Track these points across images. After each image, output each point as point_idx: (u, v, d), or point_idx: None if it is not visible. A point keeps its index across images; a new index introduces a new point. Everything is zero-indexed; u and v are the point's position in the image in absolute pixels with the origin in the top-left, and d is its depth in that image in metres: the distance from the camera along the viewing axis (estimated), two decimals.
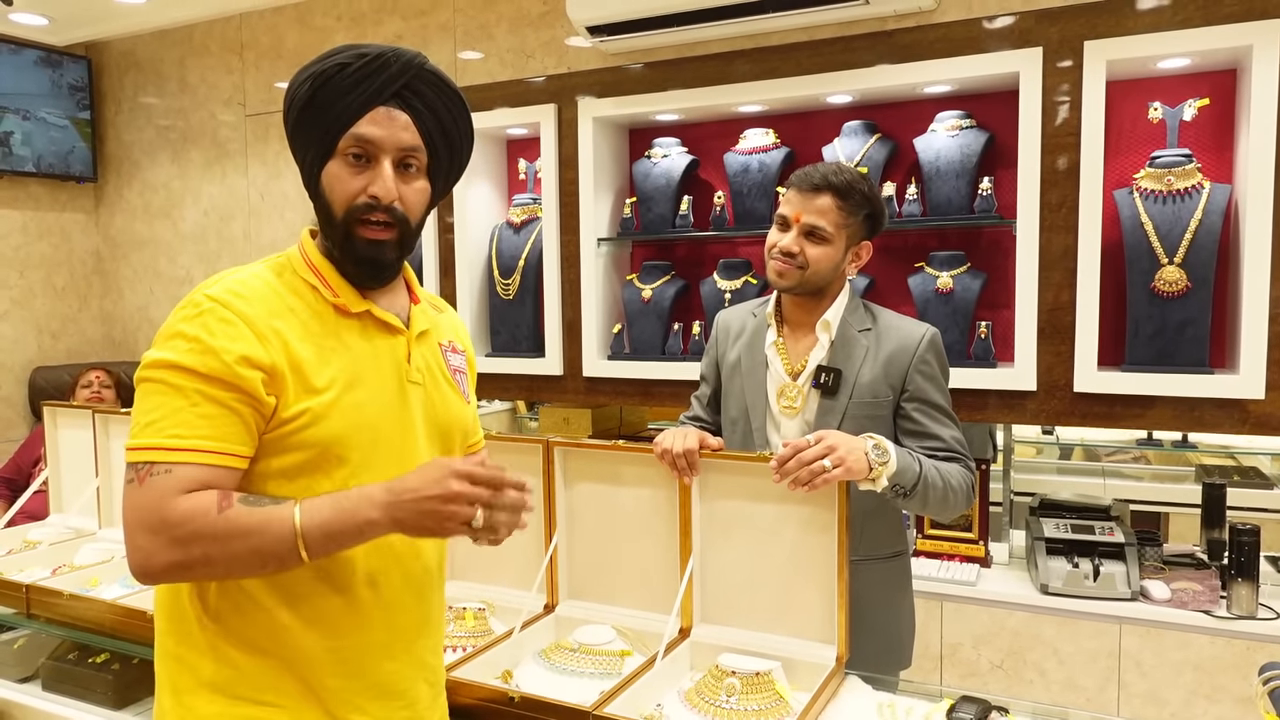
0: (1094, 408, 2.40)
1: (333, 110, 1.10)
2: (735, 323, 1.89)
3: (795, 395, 1.74)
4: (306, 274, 1.15)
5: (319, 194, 1.14)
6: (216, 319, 1.06)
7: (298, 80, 1.13)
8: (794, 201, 1.71)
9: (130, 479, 1.02)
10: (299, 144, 1.15)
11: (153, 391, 1.04)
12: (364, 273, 1.16)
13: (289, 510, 1.02)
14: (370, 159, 1.11)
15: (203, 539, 0.99)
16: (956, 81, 2.54)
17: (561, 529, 1.76)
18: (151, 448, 1.01)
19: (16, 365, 4.09)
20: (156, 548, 0.99)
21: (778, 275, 1.72)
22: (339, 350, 1.13)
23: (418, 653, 1.22)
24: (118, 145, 4.27)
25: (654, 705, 1.44)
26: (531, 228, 3.16)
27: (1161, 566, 2.45)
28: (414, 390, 1.19)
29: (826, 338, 1.73)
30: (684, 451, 1.59)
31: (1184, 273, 2.28)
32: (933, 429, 1.69)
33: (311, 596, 1.11)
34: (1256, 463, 3.65)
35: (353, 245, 1.13)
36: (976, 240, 2.65)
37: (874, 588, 1.73)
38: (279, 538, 1.01)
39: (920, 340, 1.71)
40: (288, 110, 1.15)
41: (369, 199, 1.11)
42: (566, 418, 3.60)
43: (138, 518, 1.00)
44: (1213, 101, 2.33)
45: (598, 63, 3.02)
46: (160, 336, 1.08)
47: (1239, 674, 2.26)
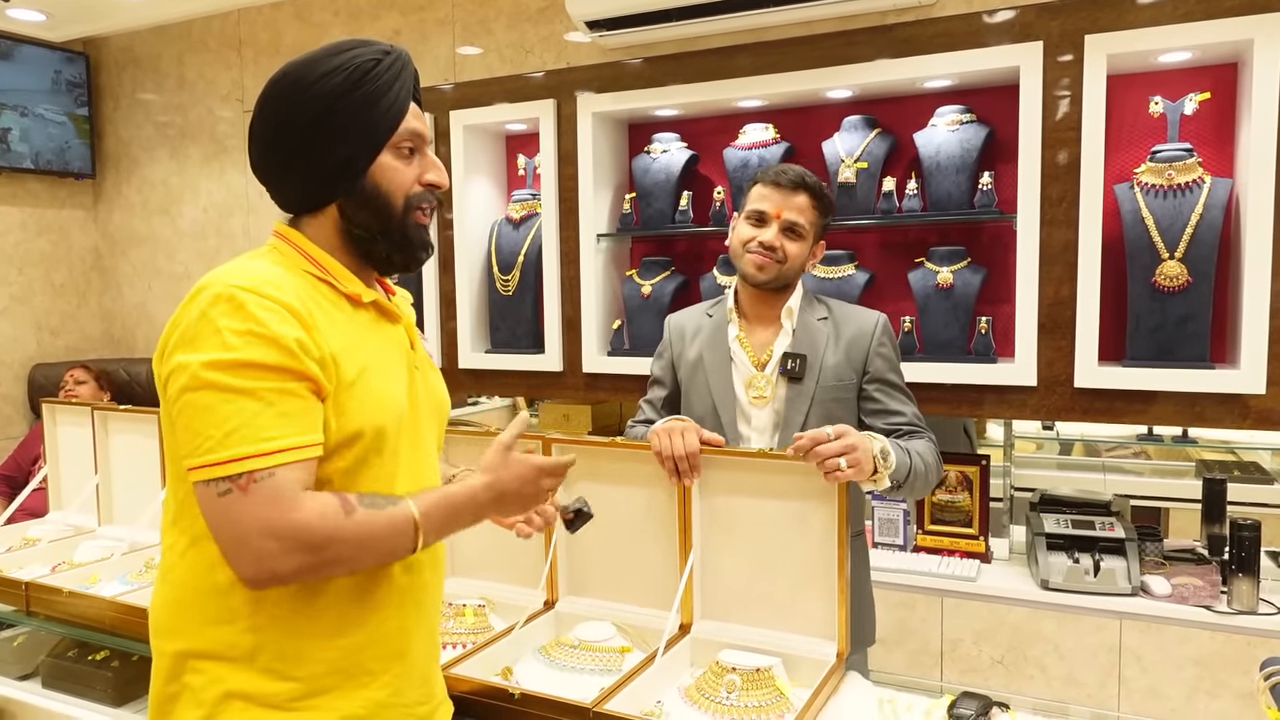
0: (1094, 403, 2.39)
1: (379, 106, 1.12)
2: (690, 324, 1.92)
3: (764, 385, 1.79)
4: (310, 267, 1.14)
5: (365, 188, 1.13)
6: (262, 308, 1.03)
7: (316, 75, 1.10)
8: (772, 198, 1.76)
9: (226, 490, 0.99)
10: (324, 143, 1.12)
11: (219, 400, 1.00)
12: (416, 260, 1.19)
13: (407, 510, 1.07)
14: (416, 151, 1.17)
15: (336, 543, 1.02)
16: (957, 76, 2.53)
17: (561, 525, 1.76)
18: (245, 457, 0.99)
19: (16, 362, 4.08)
20: (284, 552, 0.99)
21: (757, 269, 1.77)
22: (362, 340, 1.13)
23: (434, 635, 1.27)
24: (116, 142, 4.26)
25: (654, 702, 1.44)
26: (531, 224, 3.15)
27: (1162, 562, 2.45)
28: (417, 376, 1.22)
29: (790, 325, 1.79)
30: (686, 455, 1.59)
31: (1185, 267, 2.27)
32: (894, 406, 1.77)
33: (355, 592, 1.12)
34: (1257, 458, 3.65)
35: (408, 235, 1.17)
36: (977, 235, 2.64)
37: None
38: (402, 536, 1.07)
39: (875, 325, 1.80)
40: (294, 110, 1.11)
41: (427, 187, 1.17)
42: (566, 414, 3.60)
43: (258, 525, 0.99)
44: (1213, 95, 2.32)
45: (597, 58, 3.01)
46: (196, 338, 1.02)
47: (1240, 669, 2.26)
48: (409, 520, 1.07)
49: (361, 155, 1.12)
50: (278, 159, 1.14)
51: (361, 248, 1.17)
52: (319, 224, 1.17)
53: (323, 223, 1.17)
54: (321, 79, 1.10)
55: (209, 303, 1.03)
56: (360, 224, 1.15)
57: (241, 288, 1.04)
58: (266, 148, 1.15)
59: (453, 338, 3.26)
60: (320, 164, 1.12)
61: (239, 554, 1.00)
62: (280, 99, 1.12)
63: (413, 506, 1.07)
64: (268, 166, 1.16)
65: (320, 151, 1.12)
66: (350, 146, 1.12)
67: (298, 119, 1.11)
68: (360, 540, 1.03)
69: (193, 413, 1.00)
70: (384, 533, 1.05)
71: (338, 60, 1.11)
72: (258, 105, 1.14)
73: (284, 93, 1.12)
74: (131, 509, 2.28)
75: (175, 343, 1.04)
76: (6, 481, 3.52)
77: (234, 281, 1.04)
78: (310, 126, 1.11)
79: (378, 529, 1.04)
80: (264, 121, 1.14)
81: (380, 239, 1.16)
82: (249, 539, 0.99)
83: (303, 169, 1.13)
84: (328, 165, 1.12)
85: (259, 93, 1.15)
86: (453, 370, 3.26)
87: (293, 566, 1.00)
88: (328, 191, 1.14)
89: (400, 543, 1.07)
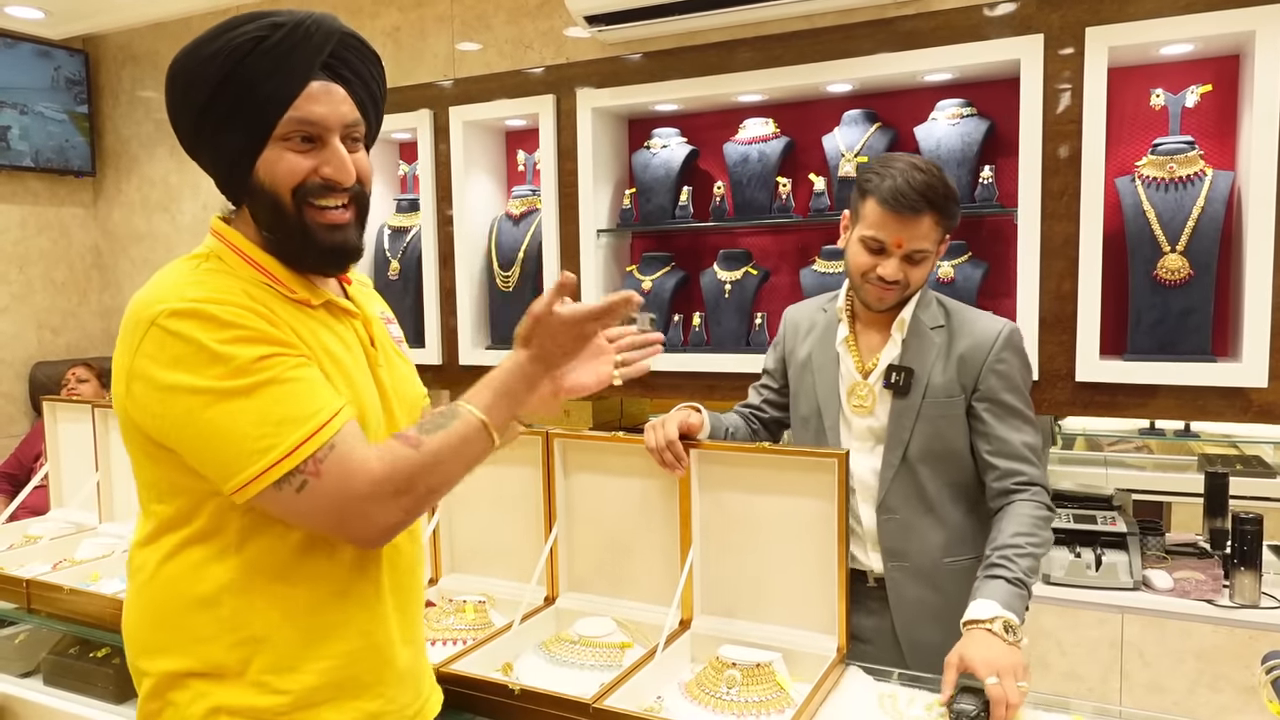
0: (1096, 397, 2.39)
1: (260, 91, 1.00)
2: (804, 319, 1.85)
3: (866, 394, 1.70)
4: (251, 272, 1.06)
5: (254, 187, 1.04)
6: (231, 314, 0.98)
7: (197, 60, 1.01)
8: (891, 227, 1.58)
9: (303, 482, 0.97)
10: (212, 134, 1.03)
11: (246, 403, 0.96)
12: (330, 263, 1.11)
13: (469, 416, 1.06)
14: (315, 140, 1.05)
15: (423, 474, 1.01)
16: (957, 69, 2.52)
17: (561, 521, 1.76)
18: (303, 440, 0.96)
19: (17, 360, 4.08)
20: (382, 506, 0.99)
21: (877, 300, 1.64)
22: (320, 344, 1.08)
23: (418, 636, 1.24)
24: (116, 139, 4.26)
25: (654, 697, 1.44)
26: (531, 219, 3.15)
27: (1164, 556, 2.44)
28: (381, 372, 1.18)
29: (899, 335, 1.67)
30: (667, 444, 1.58)
31: (1186, 260, 2.26)
32: (1000, 431, 1.62)
33: (342, 596, 1.10)
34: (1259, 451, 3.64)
35: (312, 237, 1.07)
36: (977, 229, 2.64)
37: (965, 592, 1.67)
38: (477, 439, 1.06)
39: (996, 338, 1.63)
40: (183, 98, 1.03)
41: (322, 180, 1.05)
42: (567, 410, 3.59)
43: (347, 497, 0.98)
44: (1215, 88, 2.31)
45: (596, 53, 3.00)
46: (179, 360, 0.96)
47: (1241, 663, 2.25)
48: (476, 424, 1.06)
49: (247, 150, 1.03)
50: (186, 148, 1.08)
51: (277, 247, 1.08)
52: (244, 221, 1.10)
53: (246, 220, 1.09)
54: (201, 65, 1.01)
55: (172, 322, 0.97)
56: (263, 223, 1.07)
57: (200, 300, 0.98)
58: (180, 140, 1.08)
59: (453, 334, 3.26)
60: (215, 158, 1.06)
61: (344, 530, 1.01)
62: (171, 90, 1.05)
63: (473, 410, 1.07)
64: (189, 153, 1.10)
65: (210, 145, 1.05)
66: (234, 141, 1.03)
67: (187, 113, 1.04)
68: (441, 462, 1.03)
69: (222, 427, 0.96)
70: (459, 445, 1.05)
71: (218, 44, 1.01)
72: (165, 94, 1.08)
73: (173, 82, 1.04)
74: (132, 506, 2.27)
75: (146, 371, 0.98)
76: (8, 479, 3.53)
77: (189, 296, 0.99)
78: (197, 117, 1.03)
79: (451, 445, 1.04)
80: (169, 115, 1.07)
81: (285, 240, 1.07)
82: (347, 514, 0.99)
83: (207, 165, 1.07)
84: (221, 159, 1.05)
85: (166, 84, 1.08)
86: (453, 367, 3.26)
87: (398, 513, 1.01)
88: (229, 188, 1.08)
89: (479, 446, 1.07)
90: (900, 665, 1.59)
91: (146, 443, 1.04)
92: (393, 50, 3.42)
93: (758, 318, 2.81)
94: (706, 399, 2.81)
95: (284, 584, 1.06)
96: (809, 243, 2.84)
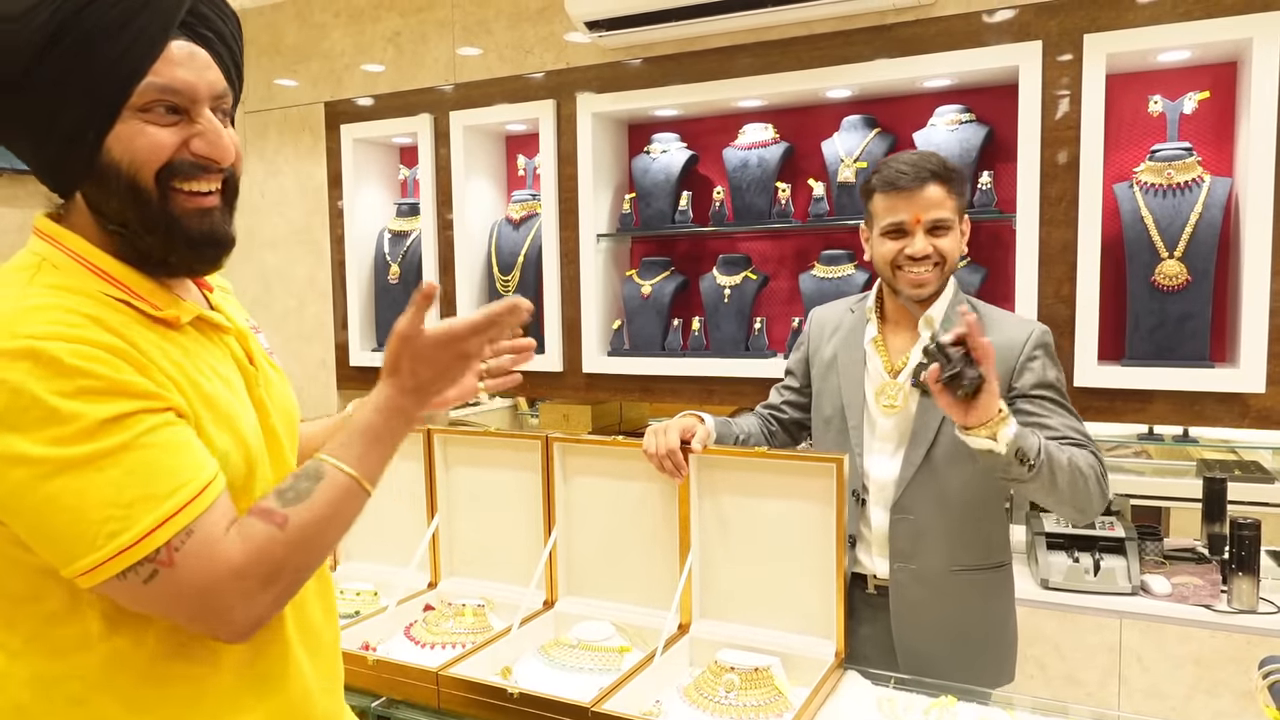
0: (1094, 402, 2.39)
1: (107, 51, 0.81)
2: (830, 319, 1.84)
3: (895, 393, 1.67)
4: (97, 284, 0.87)
5: (102, 169, 0.85)
6: (82, 357, 0.79)
7: (22, 8, 0.80)
8: (901, 205, 1.60)
9: (152, 573, 0.81)
10: (36, 106, 0.82)
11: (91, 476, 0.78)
12: (202, 257, 0.93)
13: (336, 474, 0.91)
14: (181, 112, 0.88)
15: (290, 559, 0.87)
16: (956, 75, 2.53)
17: (561, 525, 1.76)
18: (155, 527, 0.80)
19: None
20: (248, 599, 0.85)
21: (918, 286, 1.62)
22: (195, 367, 0.91)
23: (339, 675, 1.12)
24: None
25: (653, 701, 1.44)
26: (531, 224, 3.15)
27: (1162, 561, 2.44)
28: (260, 392, 1.02)
29: (929, 334, 1.64)
30: (667, 453, 1.58)
31: (1184, 266, 2.27)
32: (1044, 419, 1.57)
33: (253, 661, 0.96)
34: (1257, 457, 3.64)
35: (180, 226, 0.89)
36: (976, 235, 2.64)
37: (978, 599, 1.70)
38: (350, 499, 0.92)
39: (1026, 340, 1.62)
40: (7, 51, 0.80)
41: (194, 158, 0.88)
42: (566, 414, 3.60)
43: (203, 592, 0.83)
44: (1213, 94, 2.32)
45: (596, 58, 3.01)
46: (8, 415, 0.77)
47: (1240, 668, 2.26)
48: (345, 483, 0.92)
49: (90, 119, 0.83)
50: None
51: (125, 246, 0.89)
52: (77, 218, 0.90)
53: (79, 216, 0.90)
54: (25, 15, 0.80)
55: (3, 368, 0.78)
56: (109, 215, 0.88)
57: (37, 337, 0.79)
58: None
59: None
60: (40, 136, 0.85)
61: (202, 624, 0.85)
62: None
63: (341, 467, 0.92)
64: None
65: (31, 119, 0.84)
66: (73, 110, 0.82)
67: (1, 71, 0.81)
68: (311, 538, 0.89)
69: (61, 504, 0.78)
70: (331, 513, 0.91)
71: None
72: None
73: None
74: None
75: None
76: None
77: (22, 331, 0.79)
78: (15, 82, 0.81)
79: (321, 515, 0.89)
80: None
81: (143, 234, 0.88)
82: (205, 608, 0.84)
83: (21, 143, 0.87)
84: (50, 137, 0.84)
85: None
86: None
87: (268, 603, 0.87)
88: (63, 174, 0.88)
89: (353, 505, 0.93)
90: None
91: None
92: (394, 55, 3.43)
93: (757, 323, 2.82)
94: (705, 404, 2.82)
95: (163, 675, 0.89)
96: (808, 248, 2.84)
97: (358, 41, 3.50)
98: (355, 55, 3.51)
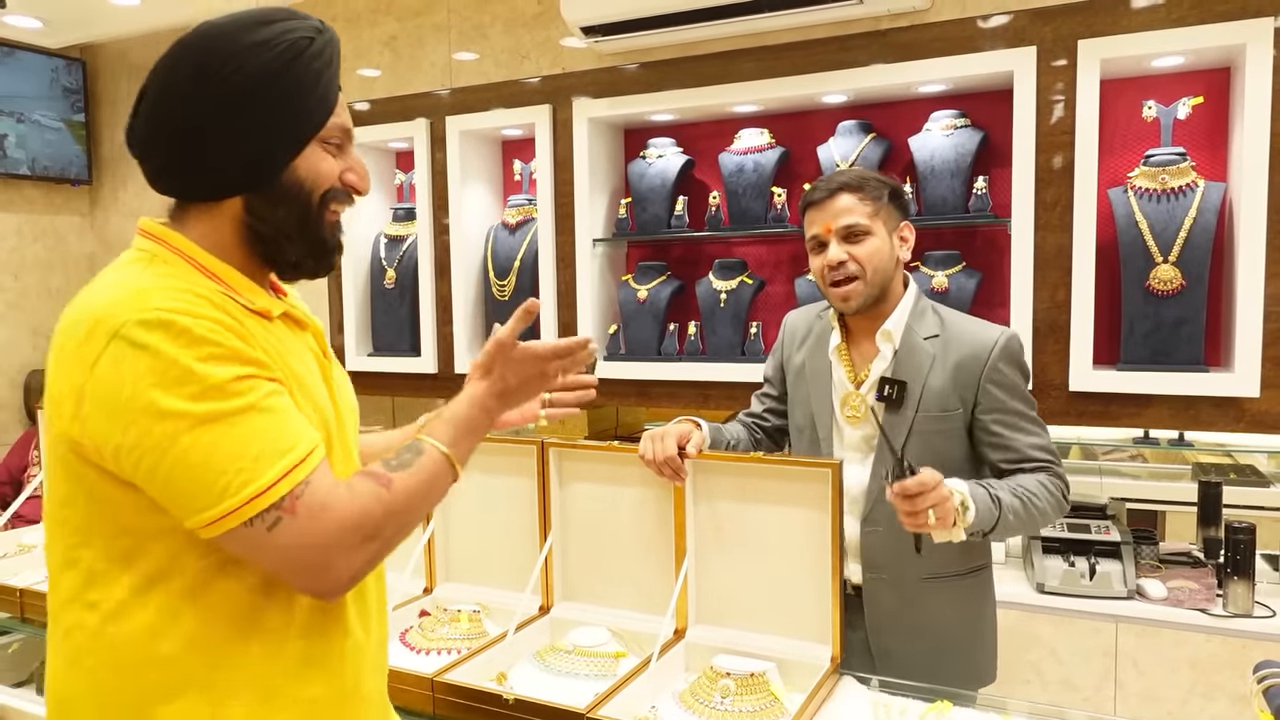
0: (1090, 407, 2.40)
1: (314, 92, 0.98)
2: (801, 326, 1.84)
3: (859, 405, 1.67)
4: (209, 282, 0.98)
5: (283, 183, 0.99)
6: (204, 328, 0.90)
7: (239, 46, 0.94)
8: (817, 218, 1.66)
9: (276, 520, 0.90)
10: (251, 126, 0.95)
11: (226, 430, 0.89)
12: (329, 266, 1.07)
13: (434, 451, 1.04)
14: (341, 146, 1.05)
15: (393, 516, 0.97)
16: (951, 81, 2.54)
17: (556, 530, 1.76)
18: (281, 477, 0.90)
19: (11, 368, 4.08)
20: (352, 551, 0.94)
21: (843, 300, 1.64)
22: (283, 356, 1.01)
23: (386, 669, 1.20)
24: (113, 148, 4.26)
25: (649, 707, 1.44)
26: (527, 229, 3.16)
27: (1158, 565, 2.45)
28: (332, 384, 1.12)
29: (889, 348, 1.65)
30: (665, 460, 1.58)
31: (1179, 271, 2.28)
32: (1010, 439, 1.60)
33: (318, 635, 1.03)
34: (1253, 461, 3.64)
35: (323, 238, 1.05)
36: (971, 239, 2.65)
37: (954, 604, 1.70)
38: (443, 476, 1.04)
39: (992, 348, 1.60)
40: (209, 80, 0.93)
41: (344, 186, 1.04)
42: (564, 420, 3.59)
43: (321, 539, 0.92)
44: (1206, 100, 2.33)
45: (592, 63, 3.02)
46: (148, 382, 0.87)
47: (1235, 672, 2.26)
48: (441, 460, 1.04)
49: (286, 147, 0.98)
50: (177, 137, 0.96)
51: (266, 249, 1.02)
52: (211, 218, 1.00)
53: (217, 217, 1.00)
54: (250, 52, 0.94)
55: (139, 333, 0.88)
56: (271, 222, 1.00)
57: (169, 310, 0.90)
58: (163, 121, 0.96)
59: (449, 343, 3.26)
60: (233, 151, 0.96)
61: (306, 576, 0.94)
62: (194, 67, 0.94)
63: (438, 445, 1.04)
64: (157, 143, 0.98)
65: (236, 137, 0.96)
66: (274, 136, 0.97)
67: (214, 96, 0.94)
68: (410, 503, 1.00)
69: (196, 457, 0.88)
70: (428, 483, 1.02)
71: (268, 32, 0.95)
72: (160, 69, 0.96)
73: (200, 61, 0.94)
74: None
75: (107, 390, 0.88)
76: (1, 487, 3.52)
77: (155, 304, 0.90)
78: (229, 107, 0.94)
79: (421, 484, 1.01)
80: (167, 91, 0.95)
81: (292, 241, 1.02)
82: (317, 558, 0.92)
83: (209, 154, 0.96)
84: (242, 154, 0.96)
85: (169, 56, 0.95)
86: (449, 374, 3.26)
87: (365, 560, 0.96)
88: (236, 183, 0.99)
89: (444, 484, 1.05)
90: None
91: (91, 474, 0.93)
92: (390, 59, 3.43)
93: (753, 327, 2.82)
94: (701, 408, 2.82)
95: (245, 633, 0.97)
96: (804, 253, 2.84)
97: (354, 46, 3.50)
98: (352, 59, 3.51)
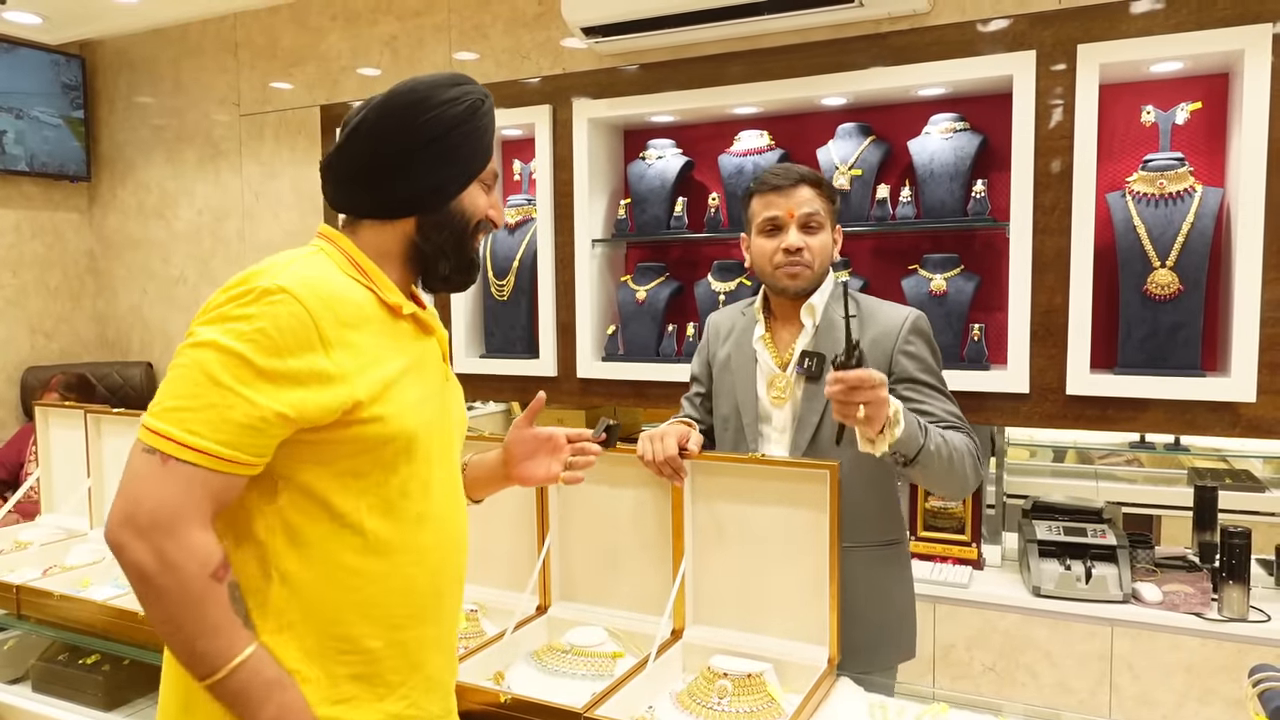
0: (1086, 410, 2.40)
1: (484, 140, 1.21)
2: (725, 323, 1.90)
3: (784, 385, 1.75)
4: (355, 273, 1.16)
5: (450, 210, 1.20)
6: (288, 313, 1.04)
7: (439, 100, 1.16)
8: (777, 202, 1.71)
9: (149, 450, 1.00)
10: (429, 162, 1.17)
11: (192, 375, 1.01)
12: (468, 280, 1.26)
13: (242, 644, 1.02)
14: (490, 187, 1.26)
15: (177, 583, 0.98)
16: (950, 84, 2.54)
17: (554, 530, 1.76)
18: (173, 439, 0.99)
19: (9, 365, 4.07)
20: (138, 541, 0.98)
21: (791, 278, 1.71)
22: (400, 350, 1.16)
23: (453, 646, 1.27)
24: (111, 145, 4.26)
25: (646, 707, 1.44)
26: (526, 229, 3.16)
27: (1153, 569, 2.45)
28: (448, 390, 1.26)
29: (811, 323, 1.74)
30: (665, 460, 1.59)
31: (1176, 276, 2.28)
32: (924, 404, 1.67)
33: (378, 592, 1.13)
34: (1248, 465, 3.66)
35: (471, 257, 1.25)
36: (970, 243, 2.66)
37: (869, 575, 1.72)
38: (213, 652, 1.00)
39: (902, 324, 1.71)
40: (412, 127, 1.15)
41: (489, 219, 1.25)
42: (561, 419, 3.60)
43: (152, 500, 0.98)
44: (1205, 105, 2.34)
45: (593, 64, 3.02)
46: (214, 316, 1.05)
47: (1230, 676, 2.26)
48: (230, 652, 1.01)
49: (458, 181, 1.20)
50: (375, 167, 1.16)
51: (424, 263, 1.22)
52: (383, 231, 1.19)
53: (388, 231, 1.19)
54: (444, 105, 1.16)
55: (244, 290, 1.05)
56: (434, 241, 1.20)
57: (283, 288, 1.05)
58: (367, 155, 1.16)
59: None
60: (418, 181, 1.17)
61: (122, 503, 1.00)
62: (402, 113, 1.16)
63: (248, 651, 1.02)
64: (357, 171, 1.18)
65: (423, 170, 1.17)
66: (451, 171, 1.19)
67: (414, 136, 1.16)
68: (193, 603, 0.99)
69: (174, 373, 1.03)
70: (201, 628, 1.00)
71: (457, 91, 1.18)
72: (373, 112, 1.17)
73: (407, 109, 1.16)
74: None
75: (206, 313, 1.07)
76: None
77: (279, 280, 1.06)
78: (424, 146, 1.16)
79: (210, 618, 1.00)
80: (376, 130, 1.16)
81: (447, 258, 1.22)
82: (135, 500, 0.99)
83: (399, 182, 1.17)
84: (425, 184, 1.18)
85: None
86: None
87: (135, 558, 0.98)
88: (413, 206, 1.19)
89: (206, 652, 1.00)
90: None
91: None
92: (390, 59, 3.43)
93: None
94: None
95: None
96: None
97: (354, 45, 3.50)
98: (352, 59, 3.51)
